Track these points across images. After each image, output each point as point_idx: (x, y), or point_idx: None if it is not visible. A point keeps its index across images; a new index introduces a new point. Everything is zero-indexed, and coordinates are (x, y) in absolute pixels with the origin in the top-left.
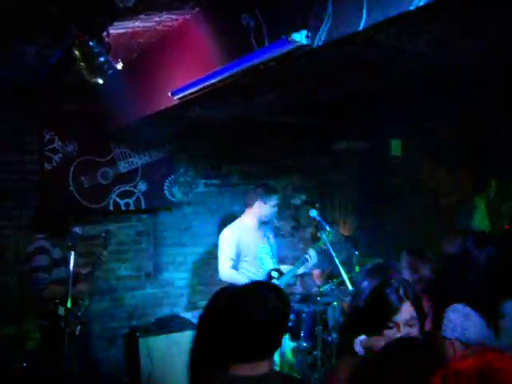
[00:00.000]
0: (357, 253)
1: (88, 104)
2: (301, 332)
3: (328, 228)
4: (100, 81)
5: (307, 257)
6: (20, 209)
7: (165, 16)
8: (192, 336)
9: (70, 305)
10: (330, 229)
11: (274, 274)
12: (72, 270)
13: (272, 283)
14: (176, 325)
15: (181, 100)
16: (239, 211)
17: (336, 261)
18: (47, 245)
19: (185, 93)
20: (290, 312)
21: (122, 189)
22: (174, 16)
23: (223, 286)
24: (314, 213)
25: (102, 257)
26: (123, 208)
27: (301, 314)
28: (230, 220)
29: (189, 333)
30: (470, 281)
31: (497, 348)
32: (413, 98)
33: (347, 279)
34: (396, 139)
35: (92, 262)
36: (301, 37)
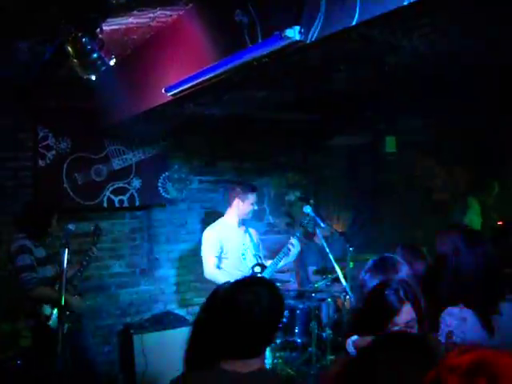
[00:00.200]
0: (351, 249)
1: (82, 101)
2: (295, 328)
3: (322, 224)
4: (93, 77)
5: (290, 246)
6: (13, 206)
7: (158, 12)
8: (187, 333)
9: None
10: (324, 225)
11: (257, 269)
12: (66, 268)
13: (267, 280)
14: (170, 321)
15: (174, 96)
16: None
17: (330, 257)
18: (29, 243)
19: (178, 89)
20: (284, 309)
21: (116, 186)
22: (168, 12)
23: (220, 284)
24: (309, 209)
25: (91, 253)
26: (117, 205)
27: (295, 311)
28: None
29: (183, 329)
30: (462, 280)
31: (491, 346)
32: (408, 96)
33: (341, 275)
34: (391, 136)
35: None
36: (294, 33)
